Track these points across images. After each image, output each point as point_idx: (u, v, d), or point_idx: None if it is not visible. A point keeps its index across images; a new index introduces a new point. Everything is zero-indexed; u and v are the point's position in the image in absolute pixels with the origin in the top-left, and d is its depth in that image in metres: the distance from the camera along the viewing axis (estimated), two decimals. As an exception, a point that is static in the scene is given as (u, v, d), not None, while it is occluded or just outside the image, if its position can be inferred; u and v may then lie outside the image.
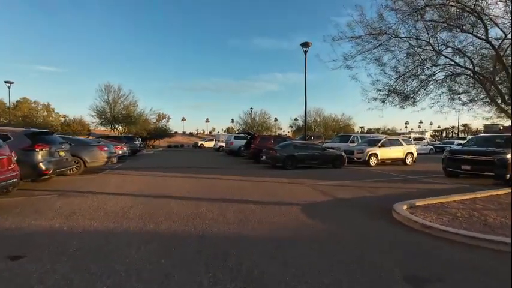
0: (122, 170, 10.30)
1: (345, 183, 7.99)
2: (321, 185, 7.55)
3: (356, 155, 13.15)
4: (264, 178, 8.67)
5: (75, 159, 8.36)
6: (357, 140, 16.74)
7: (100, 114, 30.93)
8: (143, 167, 11.41)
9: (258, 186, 7.28)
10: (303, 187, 7.21)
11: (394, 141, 14.15)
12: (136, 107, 33.08)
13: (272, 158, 11.05)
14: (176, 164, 13.70)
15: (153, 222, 3.91)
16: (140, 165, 12.39)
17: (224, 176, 9.08)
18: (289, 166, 11.04)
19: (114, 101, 31.16)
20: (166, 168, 11.23)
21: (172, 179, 8.18)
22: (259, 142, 13.87)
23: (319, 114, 41.32)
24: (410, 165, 13.71)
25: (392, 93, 6.15)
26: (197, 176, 8.77)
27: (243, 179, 8.33)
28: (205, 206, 4.92)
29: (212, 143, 38.01)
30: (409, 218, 4.20)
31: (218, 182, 7.85)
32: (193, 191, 6.35)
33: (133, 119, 31.71)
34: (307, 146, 11.98)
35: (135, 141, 18.46)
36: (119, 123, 31.45)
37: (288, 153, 11.12)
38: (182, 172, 9.86)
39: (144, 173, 9.44)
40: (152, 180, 7.90)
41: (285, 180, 8.26)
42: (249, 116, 40.59)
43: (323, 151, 12.03)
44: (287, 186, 7.41)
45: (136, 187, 6.68)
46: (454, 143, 26.07)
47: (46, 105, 44.27)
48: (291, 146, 11.62)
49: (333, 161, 12.12)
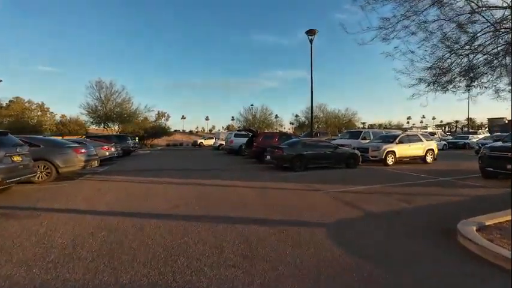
0: (105, 174, 8.93)
1: (368, 188, 6.60)
2: (340, 191, 6.16)
3: (371, 152, 11.73)
4: (270, 183, 7.28)
5: (44, 164, 7.00)
6: (368, 136, 15.30)
7: (92, 113, 29.34)
8: (131, 170, 10.04)
9: (264, 195, 5.90)
10: (320, 195, 5.83)
11: (412, 137, 12.71)
12: (131, 105, 31.42)
13: (278, 157, 9.66)
14: (170, 165, 12.33)
15: (111, 267, 2.54)
16: (129, 168, 11.03)
17: (223, 180, 7.70)
18: (297, 167, 9.65)
19: (107, 98, 29.49)
20: (157, 172, 9.87)
21: (160, 186, 6.81)
22: (262, 140, 12.47)
23: (323, 109, 39.79)
24: (431, 164, 12.28)
25: (449, 73, 4.60)
26: (190, 182, 7.40)
27: (245, 185, 6.95)
28: (195, 231, 3.54)
29: (212, 141, 36.67)
30: (492, 250, 2.83)
31: (215, 189, 6.47)
32: (183, 204, 4.97)
33: (127, 117, 30.05)
34: (317, 143, 10.57)
35: (127, 141, 17.07)
36: (113, 122, 29.85)
37: (296, 152, 9.72)
38: (174, 176, 8.49)
39: (130, 178, 8.08)
40: (135, 188, 6.54)
41: (295, 186, 6.87)
42: (249, 113, 39.10)
43: (335, 149, 10.62)
44: (299, 194, 6.03)
45: (111, 199, 5.31)
46: (469, 138, 24.62)
47: (40, 105, 42.99)
48: (299, 144, 10.22)
49: (347, 160, 10.72)
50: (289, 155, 9.61)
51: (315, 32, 15.69)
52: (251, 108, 39.36)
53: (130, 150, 17.32)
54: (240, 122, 40.41)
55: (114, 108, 29.54)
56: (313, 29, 15.67)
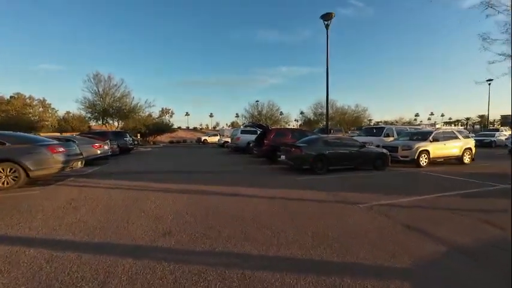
0: (91, 177, 7.55)
1: (420, 200, 5.06)
2: (386, 205, 4.64)
3: (401, 152, 10.12)
4: (290, 191, 5.79)
5: (10, 166, 5.63)
6: (392, 133, 13.64)
7: (89, 108, 27.80)
8: (124, 173, 8.64)
9: (286, 211, 4.41)
10: (362, 212, 4.31)
11: (448, 134, 11.03)
12: (131, 99, 29.75)
13: (296, 158, 8.14)
14: (170, 165, 10.92)
15: None
16: (122, 169, 9.64)
17: (231, 187, 6.23)
18: (319, 169, 8.13)
19: (105, 92, 27.85)
20: (153, 174, 8.45)
21: (152, 195, 5.37)
22: (274, 137, 10.95)
23: (332, 105, 37.95)
24: (470, 165, 10.63)
25: None
26: (191, 189, 5.95)
27: (260, 194, 5.47)
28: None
29: (216, 138, 35.36)
30: None
31: (222, 201, 5.01)
32: (177, 229, 3.51)
33: (126, 112, 28.40)
34: (341, 141, 9.01)
35: (124, 138, 15.69)
36: (112, 117, 28.32)
37: (318, 152, 8.19)
38: (172, 180, 7.05)
39: (118, 183, 6.67)
40: (119, 198, 5.11)
41: (323, 196, 5.37)
42: (255, 108, 37.45)
43: (360, 148, 9.05)
44: (333, 209, 4.51)
45: (81, 220, 3.89)
46: (496, 135, 22.65)
47: (41, 101, 42.23)
48: (320, 142, 8.66)
49: (374, 161, 9.15)
50: (309, 155, 8.08)
51: (332, 16, 14.03)
52: (257, 104, 37.76)
53: (128, 147, 15.97)
54: (246, 119, 38.86)
55: (113, 103, 27.96)
56: (329, 12, 14.02)
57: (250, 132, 16.53)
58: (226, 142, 24.79)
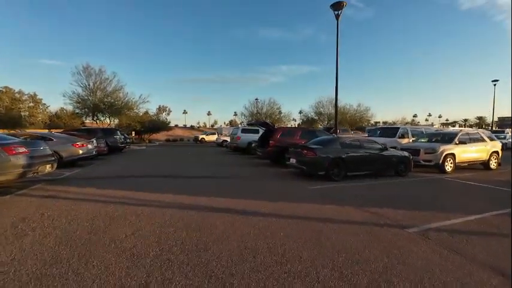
0: (64, 184, 6.26)
1: (483, 221, 3.89)
2: (446, 231, 3.46)
3: (424, 156, 8.98)
4: (311, 207, 4.59)
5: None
6: (407, 133, 12.53)
7: (78, 103, 25.80)
8: (106, 177, 7.36)
9: (310, 240, 3.19)
10: (420, 244, 3.12)
11: (473, 136, 9.92)
12: (125, 95, 27.78)
13: (309, 162, 6.94)
14: (162, 168, 9.66)
15: None
16: (105, 172, 8.34)
17: (236, 200, 5.00)
18: (336, 175, 6.95)
19: (96, 86, 25.84)
20: (142, 180, 7.20)
21: (131, 214, 4.13)
22: (281, 137, 9.72)
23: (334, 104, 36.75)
24: (497, 170, 9.57)
25: None
26: (183, 203, 4.72)
27: (271, 211, 4.26)
28: None
29: (214, 136, 34.14)
30: None
31: (227, 225, 3.78)
32: (156, 284, 2.28)
33: (119, 108, 26.48)
34: (361, 143, 7.81)
35: (114, 135, 14.34)
36: (103, 114, 26.42)
37: (335, 155, 7.00)
38: (163, 189, 5.82)
39: (93, 193, 5.41)
40: (88, 219, 3.86)
41: (355, 214, 4.18)
42: (255, 106, 36.10)
43: (381, 151, 7.89)
44: (378, 238, 3.32)
45: (15, 261, 2.64)
46: (506, 138, 21.70)
47: (32, 96, 40.41)
48: (337, 143, 7.46)
49: (397, 165, 8.01)
50: (325, 158, 6.88)
51: (343, 5, 12.82)
52: (257, 102, 36.40)
53: (119, 146, 14.63)
54: (245, 117, 37.56)
55: (104, 98, 26.02)
56: (340, 1, 12.81)
57: (252, 131, 15.30)
58: (225, 141, 23.56)
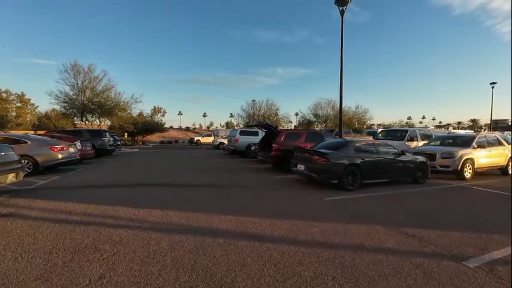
0: (31, 197, 5.25)
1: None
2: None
3: (440, 161, 8.24)
4: (332, 227, 3.73)
5: None
6: (416, 136, 11.83)
7: (65, 103, 24.37)
8: (86, 186, 6.38)
9: (350, 284, 2.33)
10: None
11: (491, 139, 9.24)
12: (117, 94, 26.42)
13: (321, 169, 6.08)
14: (153, 175, 8.70)
15: None
16: (87, 180, 7.34)
17: (240, 218, 4.11)
18: (350, 184, 6.13)
19: (85, 85, 24.40)
20: (127, 190, 6.26)
21: (103, 243, 3.22)
22: (285, 140, 8.86)
23: (333, 106, 36.19)
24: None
25: None
26: (172, 223, 3.82)
27: (287, 238, 3.39)
28: None
29: (210, 138, 33.17)
30: None
31: (223, 256, 2.89)
32: None
33: (109, 108, 25.08)
34: (376, 147, 6.99)
35: (103, 137, 13.27)
36: (92, 114, 24.99)
37: (349, 161, 6.17)
38: (151, 203, 4.90)
39: (64, 209, 4.46)
40: (41, 254, 2.94)
41: (391, 238, 3.34)
42: (253, 108, 35.18)
43: (398, 156, 7.11)
44: (432, 277, 2.47)
45: None
46: (510, 140, 21.29)
47: (20, 95, 38.93)
48: (350, 147, 6.62)
49: (414, 172, 7.24)
50: (338, 165, 6.04)
51: (348, 1, 12.11)
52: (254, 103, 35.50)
53: (107, 149, 13.56)
54: (242, 118, 36.71)
55: (93, 98, 24.61)
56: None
57: (251, 134, 14.44)
58: (222, 143, 22.64)
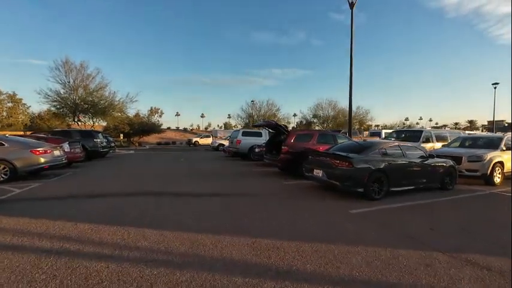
0: (1, 211, 4.38)
1: None
2: None
3: (466, 164, 7.47)
4: (377, 253, 2.89)
5: None
6: (431, 137, 11.09)
7: (56, 102, 22.98)
8: (69, 197, 5.46)
9: None
10: None
11: (518, 141, 8.51)
12: (111, 94, 25.01)
13: (344, 176, 5.23)
14: (147, 182, 7.80)
15: None
16: (71, 188, 6.39)
17: (252, 241, 3.25)
18: (376, 193, 5.31)
19: (77, 83, 22.96)
20: (115, 201, 5.36)
21: (76, 281, 2.34)
22: (296, 142, 8.02)
23: (334, 106, 35.54)
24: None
25: None
26: (171, 252, 2.96)
27: (328, 276, 2.54)
28: None
29: (209, 140, 32.31)
30: None
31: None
32: None
33: (103, 108, 23.73)
34: (403, 150, 6.16)
35: (95, 138, 12.29)
36: (84, 114, 23.72)
37: (375, 166, 5.35)
38: (139, 221, 4.02)
39: (37, 229, 3.58)
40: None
41: (464, 276, 2.50)
42: (253, 108, 34.31)
43: (424, 159, 6.31)
44: None
45: None
46: None
47: (11, 95, 37.54)
48: (376, 150, 5.79)
49: (442, 177, 6.46)
50: (364, 170, 5.21)
51: (359, -7, 11.40)
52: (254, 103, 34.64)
53: (100, 151, 12.60)
54: (242, 119, 35.84)
55: (86, 97, 23.19)
56: (356, -13, 11.39)
57: (254, 135, 13.59)
58: (221, 145, 21.76)
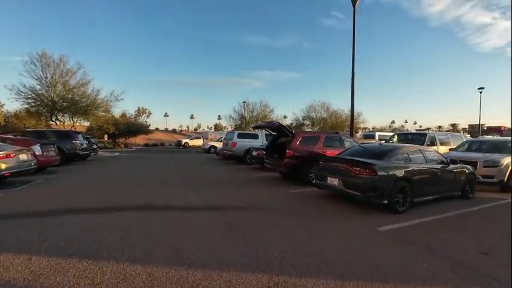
0: None
1: None
2: None
3: (482, 170, 6.97)
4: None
5: None
6: (435, 141, 10.66)
7: (30, 99, 20.65)
8: (27, 214, 4.33)
9: None
10: None
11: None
12: (95, 91, 22.80)
13: (363, 185, 4.50)
14: (129, 192, 6.78)
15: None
16: (35, 201, 5.26)
17: (269, 279, 2.40)
18: (401, 204, 4.61)
19: (55, 79, 20.60)
20: (84, 223, 4.37)
21: None
22: (301, 145, 7.23)
23: (326, 108, 35.30)
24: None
25: None
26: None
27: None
28: None
29: (199, 141, 31.15)
30: None
31: None
32: None
33: (84, 107, 21.55)
34: (423, 155, 5.51)
35: (73, 140, 11.00)
36: (63, 113, 21.55)
37: (400, 174, 4.67)
38: (116, 253, 3.09)
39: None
40: None
41: None
42: (246, 109, 33.39)
43: (446, 165, 5.70)
44: None
45: None
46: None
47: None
48: (398, 154, 5.09)
49: (464, 184, 5.89)
50: (388, 179, 4.51)
51: (362, -12, 10.87)
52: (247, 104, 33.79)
53: (79, 154, 11.33)
54: (233, 120, 34.88)
55: (65, 94, 20.97)
56: (358, -17, 10.87)
57: (250, 137, 12.76)
58: (214, 147, 20.80)
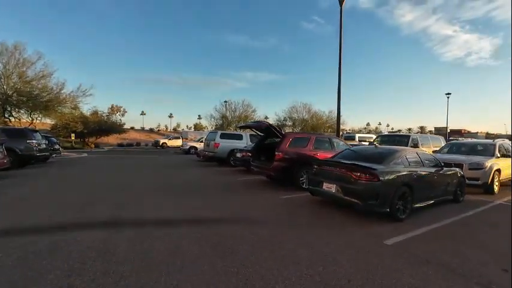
0: None
1: None
2: None
3: (467, 172, 6.97)
4: None
5: None
6: (418, 143, 10.81)
7: None
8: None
9: None
10: None
11: (507, 146, 8.45)
12: (60, 85, 20.46)
13: (364, 192, 4.07)
14: (93, 203, 5.83)
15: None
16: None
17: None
18: (401, 212, 4.28)
19: (8, 70, 17.85)
20: (29, 249, 3.47)
21: None
22: (291, 147, 6.72)
23: (308, 109, 35.61)
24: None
25: None
26: None
27: None
28: None
29: (178, 141, 29.75)
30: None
31: None
32: None
33: (45, 102, 19.22)
34: (420, 158, 5.26)
35: (28, 139, 9.48)
36: (18, 108, 18.98)
37: (402, 179, 4.33)
38: None
39: None
40: None
41: None
42: (229, 109, 32.50)
43: (440, 169, 5.52)
44: None
45: None
46: None
47: None
48: (399, 158, 4.76)
49: (455, 188, 5.77)
50: (390, 185, 4.14)
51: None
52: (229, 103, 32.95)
53: (36, 155, 9.86)
54: (215, 120, 33.83)
55: (21, 86, 18.31)
56: (346, -18, 10.71)
57: (234, 137, 12.08)
58: (194, 148, 19.76)
